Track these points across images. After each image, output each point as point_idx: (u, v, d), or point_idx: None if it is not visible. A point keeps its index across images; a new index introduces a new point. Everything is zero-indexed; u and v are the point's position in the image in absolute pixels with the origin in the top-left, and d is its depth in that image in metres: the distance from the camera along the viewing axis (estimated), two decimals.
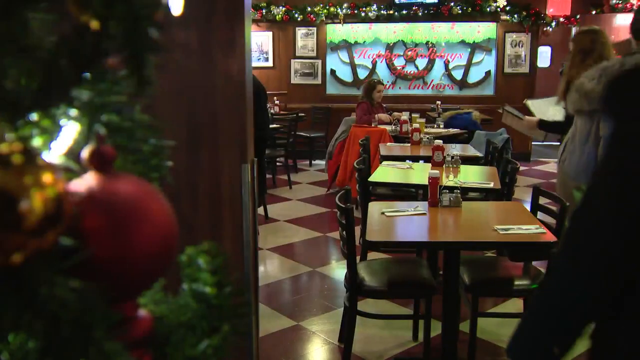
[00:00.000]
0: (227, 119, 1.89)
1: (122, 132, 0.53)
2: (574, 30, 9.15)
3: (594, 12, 8.93)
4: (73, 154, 0.50)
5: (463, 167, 4.34)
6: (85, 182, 0.49)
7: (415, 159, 5.06)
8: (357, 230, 4.24)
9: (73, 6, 0.43)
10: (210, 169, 1.93)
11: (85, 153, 0.49)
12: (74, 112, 0.47)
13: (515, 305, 3.81)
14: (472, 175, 4.18)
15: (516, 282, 3.19)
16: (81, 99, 0.46)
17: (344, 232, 3.03)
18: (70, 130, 0.48)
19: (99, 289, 0.42)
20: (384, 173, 4.40)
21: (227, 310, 0.56)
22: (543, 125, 4.05)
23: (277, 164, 8.22)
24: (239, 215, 1.93)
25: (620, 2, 8.66)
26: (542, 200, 3.48)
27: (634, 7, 8.06)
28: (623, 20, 8.44)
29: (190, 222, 1.94)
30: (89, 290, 0.41)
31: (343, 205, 2.99)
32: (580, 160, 3.15)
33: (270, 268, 4.94)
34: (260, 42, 9.79)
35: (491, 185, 3.87)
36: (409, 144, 5.58)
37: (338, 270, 4.69)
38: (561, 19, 9.13)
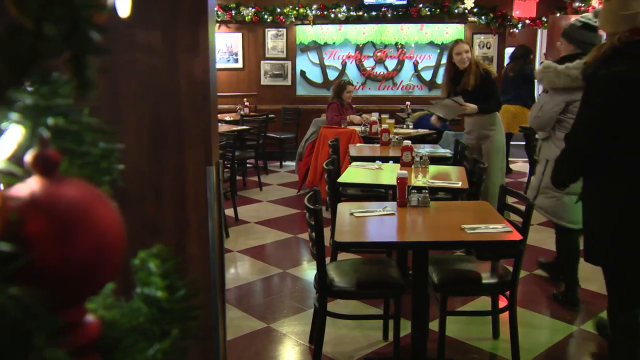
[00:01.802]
0: (192, 121, 1.87)
1: (69, 135, 0.52)
2: (539, 32, 9.32)
3: (558, 14, 9.10)
4: (17, 158, 0.49)
5: (432, 167, 4.38)
6: (28, 187, 0.48)
7: (384, 159, 5.09)
8: (328, 231, 4.26)
9: (10, 6, 0.42)
10: (175, 171, 1.91)
11: (28, 157, 0.48)
12: (15, 115, 0.46)
13: (484, 303, 3.86)
14: (440, 175, 4.22)
15: (484, 281, 3.23)
16: (23, 102, 0.45)
17: (313, 234, 3.03)
18: (13, 134, 0.47)
19: (41, 295, 0.41)
20: (354, 174, 4.41)
21: (178, 313, 0.55)
22: (481, 109, 5.29)
23: (248, 165, 8.19)
24: (205, 217, 1.91)
25: (582, 5, 8.85)
26: (510, 200, 3.53)
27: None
28: None
29: (155, 224, 1.92)
30: (29, 296, 0.41)
31: (312, 207, 2.99)
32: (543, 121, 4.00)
33: (240, 270, 4.92)
34: (229, 43, 9.74)
35: (459, 185, 3.91)
36: (379, 145, 5.61)
37: (309, 272, 4.69)
38: (527, 21, 9.29)
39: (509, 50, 9.03)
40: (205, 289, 1.95)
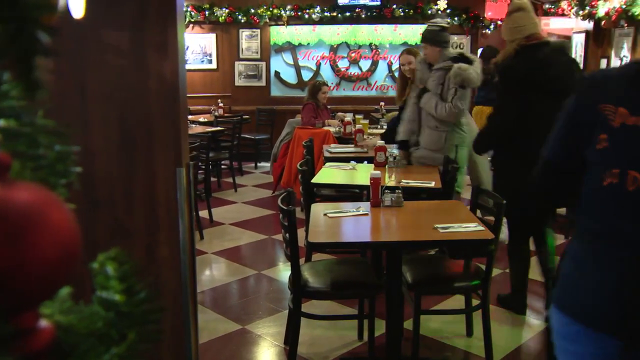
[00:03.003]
0: (161, 122, 1.86)
1: (21, 137, 0.51)
2: None
3: None
4: None
5: (405, 167, 4.41)
6: None
7: (359, 159, 5.10)
8: (303, 232, 4.25)
9: None
10: (145, 172, 1.89)
11: None
12: None
13: (459, 302, 3.89)
14: (414, 175, 4.24)
15: (457, 280, 3.26)
16: None
17: (287, 234, 3.03)
18: None
19: None
20: (328, 174, 4.41)
21: (138, 316, 0.55)
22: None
23: (222, 166, 8.15)
24: (176, 219, 1.90)
25: (552, 7, 8.99)
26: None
27: (565, 12, 8.38)
28: (556, 24, 8.78)
29: (125, 226, 1.89)
30: None
31: (285, 207, 2.99)
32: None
33: (215, 272, 4.90)
34: (203, 44, 9.68)
35: (432, 184, 3.93)
36: (353, 145, 5.63)
37: (284, 273, 4.68)
38: (499, 22, 9.39)
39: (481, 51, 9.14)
40: (176, 291, 1.93)
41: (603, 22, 7.43)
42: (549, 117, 3.12)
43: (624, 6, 6.74)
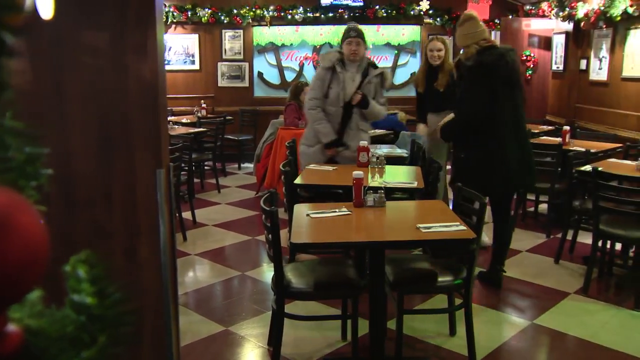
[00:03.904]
0: (141, 123, 1.84)
1: None
2: (493, 33, 9.51)
3: (510, 17, 9.31)
4: None
5: (388, 168, 4.41)
6: None
7: None
8: (286, 232, 4.25)
9: None
10: (125, 174, 1.87)
11: None
12: None
13: (442, 301, 3.91)
14: (396, 176, 4.26)
15: (440, 279, 3.27)
16: None
17: (270, 235, 3.02)
18: None
19: None
20: (311, 175, 4.41)
21: (109, 319, 0.54)
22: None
23: (205, 167, 8.11)
24: (156, 220, 1.88)
25: (533, 8, 9.08)
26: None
27: (546, 13, 8.46)
28: (537, 25, 8.87)
29: (105, 228, 1.88)
30: None
31: (267, 208, 2.98)
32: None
33: (199, 273, 4.87)
34: (186, 44, 9.64)
35: (415, 184, 3.95)
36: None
37: (268, 274, 4.67)
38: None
39: None
40: (157, 293, 1.92)
41: (582, 23, 7.52)
42: (510, 103, 4.11)
43: (602, 8, 6.83)
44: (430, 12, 9.40)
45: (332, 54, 4.83)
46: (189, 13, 9.39)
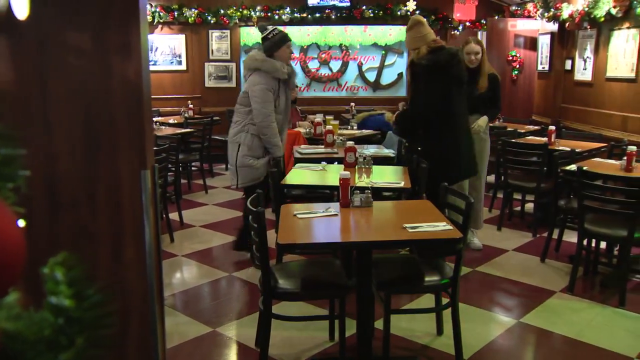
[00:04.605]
0: (125, 124, 1.83)
1: None
2: (479, 34, 9.57)
3: (496, 17, 9.36)
4: None
5: (375, 168, 4.43)
6: None
7: (330, 160, 5.11)
8: (274, 233, 4.24)
9: None
10: (109, 175, 1.86)
11: None
12: None
13: (429, 300, 3.92)
14: (383, 175, 4.27)
15: (426, 279, 3.28)
16: None
17: (256, 236, 3.01)
18: None
19: None
20: (298, 175, 4.41)
21: (88, 322, 0.54)
22: (491, 118, 5.54)
23: (193, 168, 8.08)
24: (141, 221, 1.87)
25: (519, 9, 9.14)
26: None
27: (531, 14, 8.52)
28: (522, 26, 8.94)
29: (89, 230, 1.86)
30: None
31: (254, 209, 2.97)
32: None
33: (186, 274, 4.85)
34: (172, 45, 9.60)
35: (402, 184, 3.96)
36: (323, 146, 5.63)
37: (255, 274, 4.66)
38: (467, 23, 9.51)
39: None
40: (143, 294, 1.91)
41: (567, 24, 7.58)
42: (460, 98, 4.52)
43: (586, 9, 6.88)
44: (417, 12, 9.42)
45: (279, 63, 4.71)
46: (176, 13, 9.35)
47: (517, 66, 9.01)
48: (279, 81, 4.71)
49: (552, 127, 6.02)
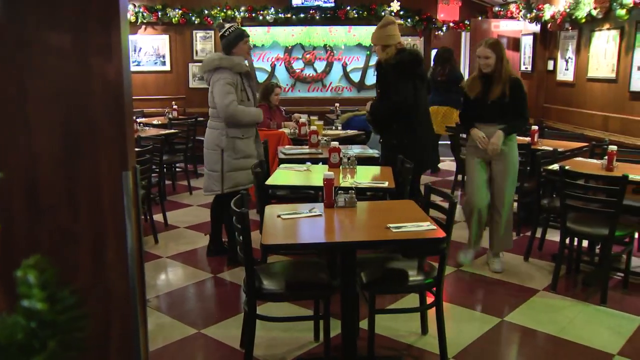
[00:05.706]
0: (106, 125, 1.82)
1: None
2: (463, 34, 9.63)
3: (479, 18, 9.42)
4: None
5: (359, 168, 4.44)
6: None
7: (314, 161, 5.11)
8: (258, 234, 4.23)
9: None
10: (90, 177, 1.84)
11: None
12: None
13: (414, 300, 3.93)
14: (368, 176, 4.27)
15: (411, 278, 3.29)
16: None
17: (240, 237, 3.01)
18: None
19: None
20: (283, 176, 4.41)
21: (61, 325, 0.53)
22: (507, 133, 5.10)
23: (177, 169, 8.04)
24: (123, 223, 1.86)
25: (501, 10, 9.20)
26: (434, 198, 3.62)
27: (514, 15, 8.59)
28: (505, 27, 9.00)
29: (70, 232, 1.85)
30: None
31: (238, 210, 2.97)
32: None
33: (171, 276, 4.83)
34: (156, 45, 9.55)
35: (386, 184, 3.97)
36: (308, 146, 5.63)
37: (240, 275, 4.65)
38: (451, 24, 9.56)
39: (434, 53, 9.28)
40: (125, 297, 1.89)
41: (549, 25, 7.65)
42: (423, 93, 5.01)
43: (568, 10, 6.95)
44: (401, 12, 9.46)
45: (237, 58, 4.75)
46: (159, 14, 9.31)
47: None
48: (241, 75, 4.73)
49: (535, 127, 6.07)
